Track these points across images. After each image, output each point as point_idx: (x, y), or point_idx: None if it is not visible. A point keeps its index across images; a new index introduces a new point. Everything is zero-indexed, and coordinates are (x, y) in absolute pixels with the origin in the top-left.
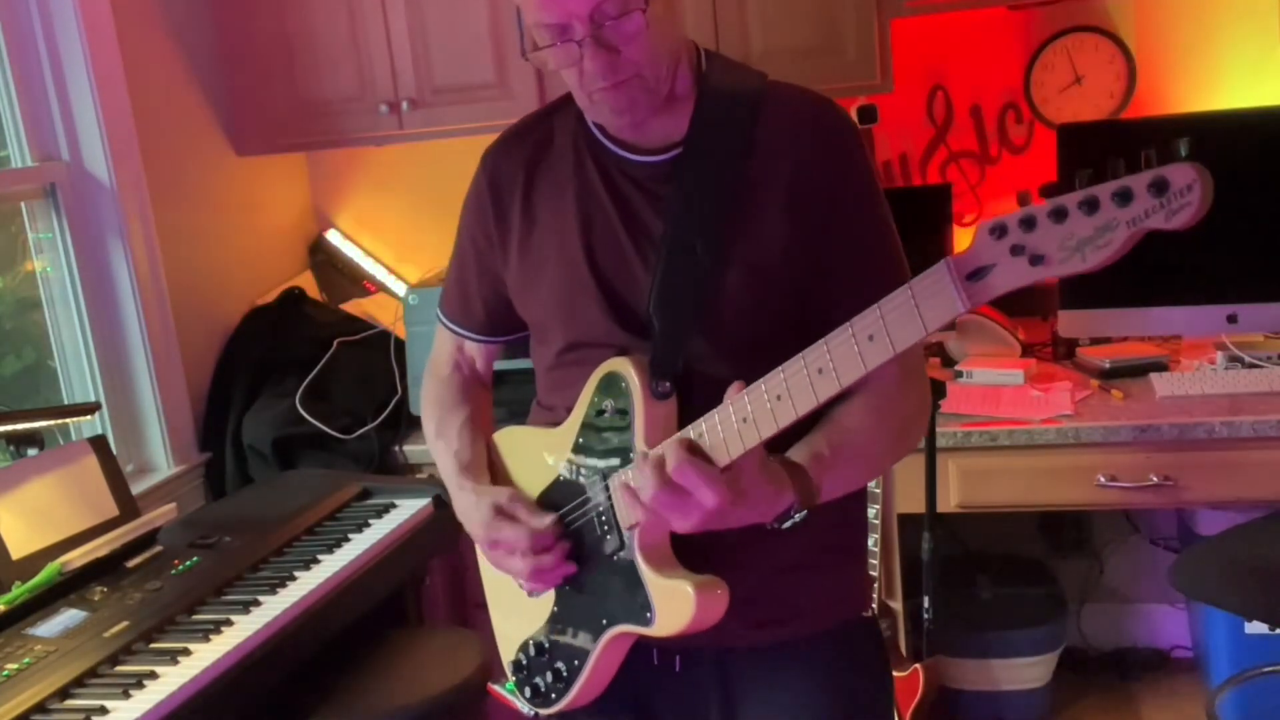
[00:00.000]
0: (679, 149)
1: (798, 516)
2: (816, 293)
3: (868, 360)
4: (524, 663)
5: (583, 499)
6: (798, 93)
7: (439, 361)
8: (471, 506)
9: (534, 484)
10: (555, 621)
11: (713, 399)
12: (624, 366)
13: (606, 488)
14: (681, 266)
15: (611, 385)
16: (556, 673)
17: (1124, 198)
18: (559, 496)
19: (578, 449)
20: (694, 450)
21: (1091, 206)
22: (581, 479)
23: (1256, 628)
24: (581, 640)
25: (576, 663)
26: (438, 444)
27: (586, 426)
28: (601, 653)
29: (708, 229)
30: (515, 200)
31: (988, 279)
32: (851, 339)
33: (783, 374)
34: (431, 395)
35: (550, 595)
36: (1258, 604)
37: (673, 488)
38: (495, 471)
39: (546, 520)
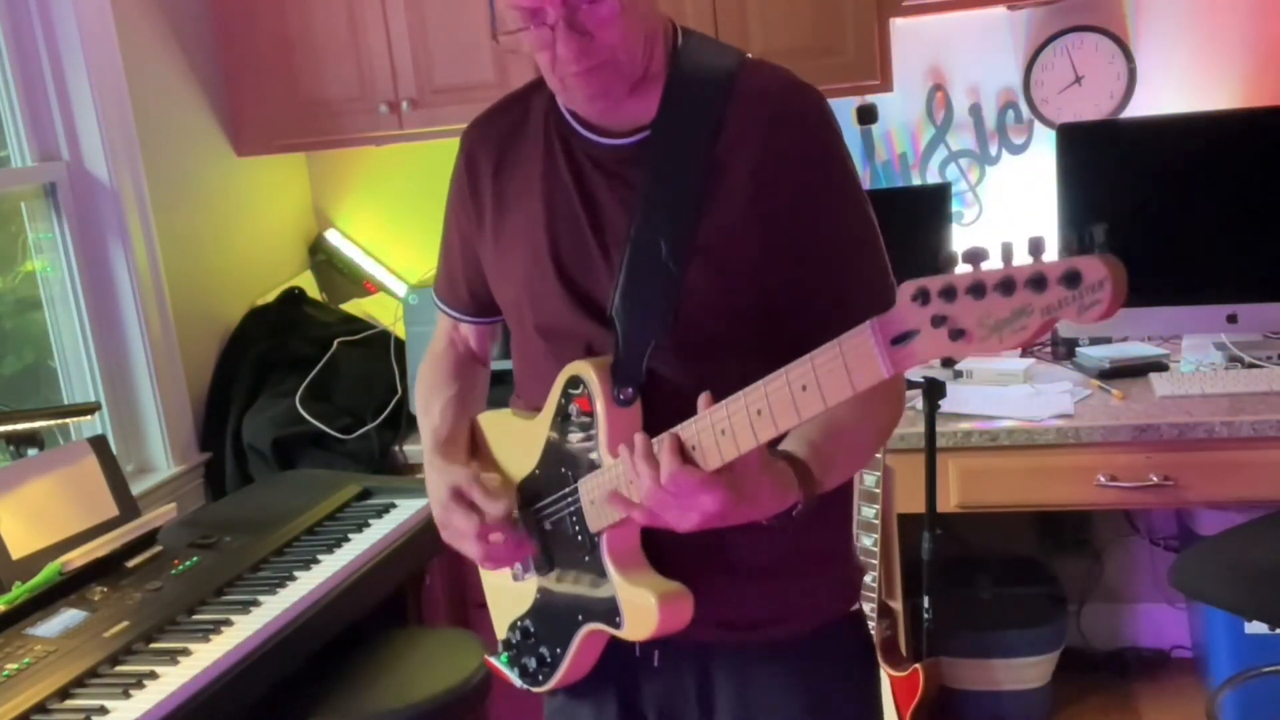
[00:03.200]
0: (646, 132)
1: (795, 513)
2: (785, 286)
3: (802, 409)
4: (513, 642)
5: (557, 495)
6: (771, 74)
7: (436, 339)
8: (435, 485)
9: (515, 471)
10: (539, 608)
11: (677, 403)
12: (586, 371)
13: (576, 490)
14: (646, 268)
15: (576, 388)
16: (540, 658)
17: (1038, 284)
18: (536, 489)
19: (549, 447)
20: (686, 457)
21: (1008, 288)
22: (555, 477)
23: (1256, 628)
24: (561, 631)
25: (559, 650)
26: (423, 421)
27: (555, 427)
28: (579, 646)
29: (672, 223)
30: (488, 182)
31: (911, 346)
32: (786, 385)
33: (726, 409)
34: (424, 374)
35: (533, 581)
36: (1258, 604)
37: (667, 494)
38: (479, 453)
39: (498, 508)
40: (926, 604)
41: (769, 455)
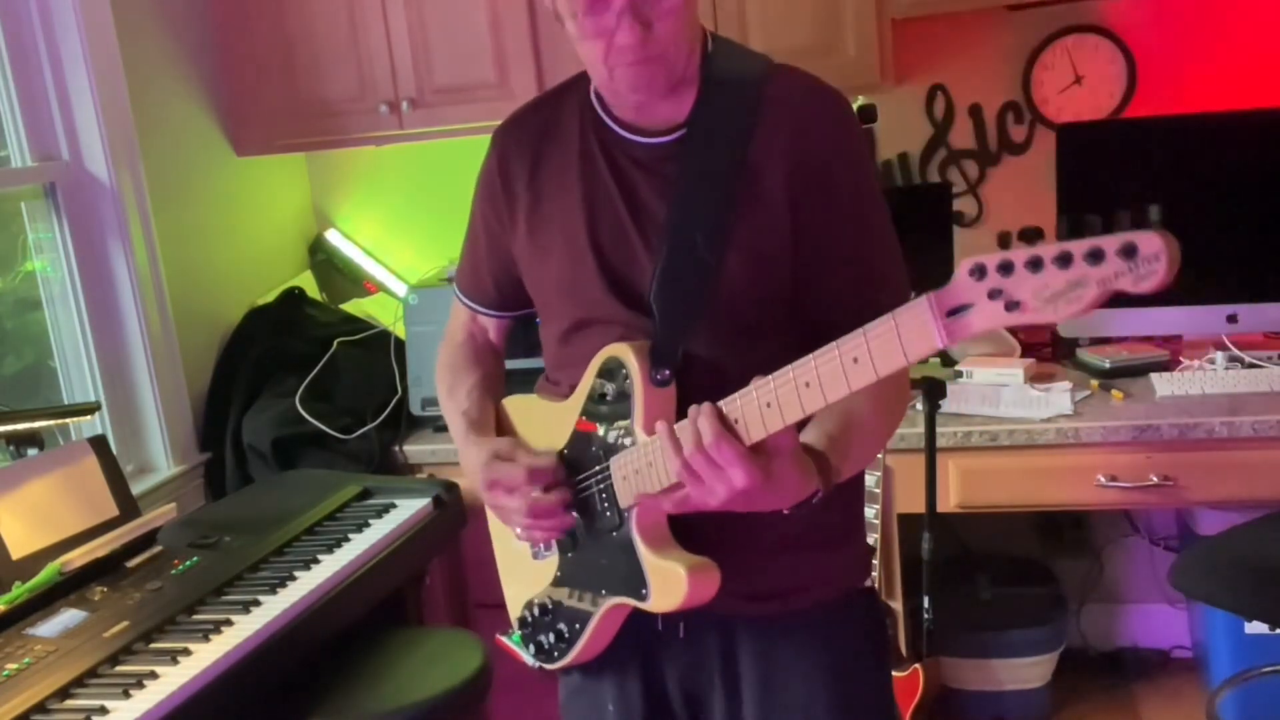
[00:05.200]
0: (682, 130)
1: (814, 501)
2: (811, 277)
3: (852, 381)
4: (528, 620)
5: (586, 473)
6: (801, 78)
7: (454, 329)
8: (474, 457)
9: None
10: (558, 584)
11: (711, 385)
12: (625, 353)
13: (608, 467)
14: (683, 257)
15: (612, 370)
16: (559, 633)
17: (1095, 257)
18: (565, 467)
19: (581, 427)
20: (728, 426)
21: (1065, 261)
22: (585, 455)
23: (1256, 628)
24: (582, 606)
25: (578, 626)
26: (448, 404)
27: (589, 406)
28: (601, 619)
29: (709, 216)
30: (523, 179)
31: (966, 318)
32: (838, 358)
33: (773, 382)
34: (445, 360)
35: (554, 559)
36: (1258, 604)
37: (706, 460)
38: (506, 435)
39: (543, 459)
40: (926, 604)
41: (799, 447)
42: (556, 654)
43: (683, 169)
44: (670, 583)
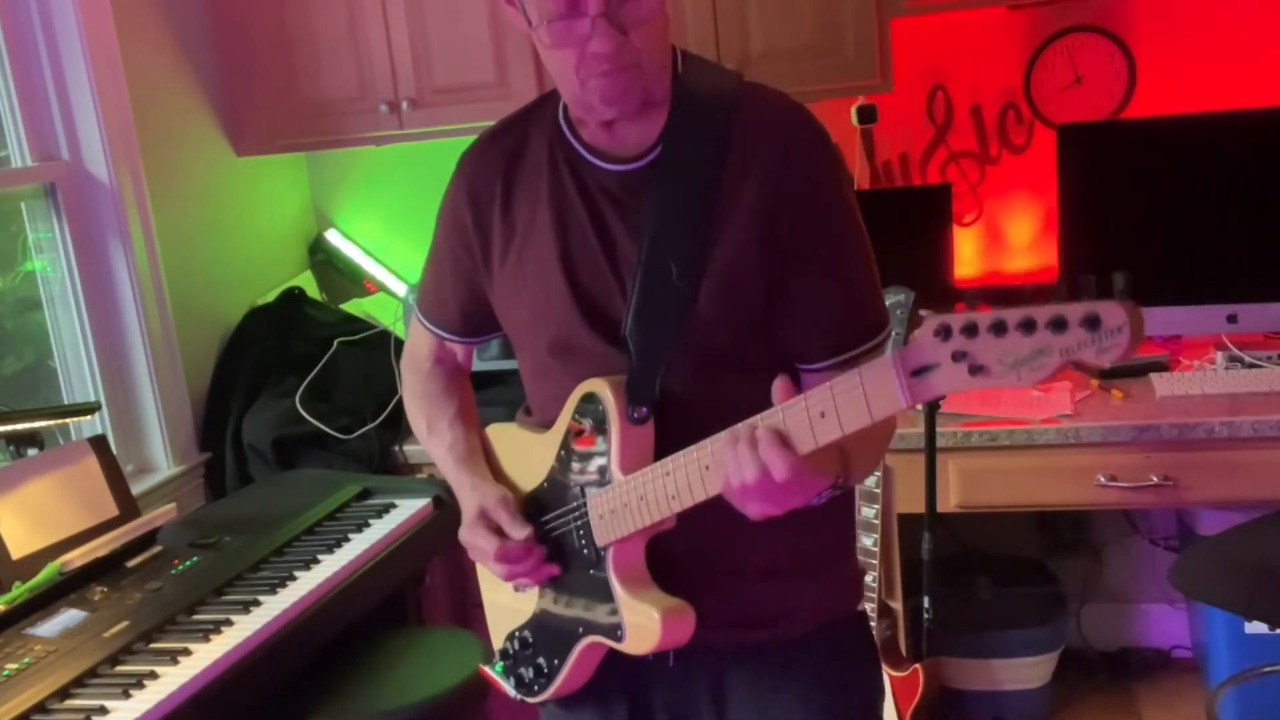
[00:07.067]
0: (651, 156)
1: (828, 494)
2: (784, 308)
3: (819, 435)
4: (510, 652)
5: (564, 510)
6: (772, 99)
7: (418, 355)
8: (467, 504)
9: (523, 483)
10: (538, 619)
11: (688, 422)
12: (601, 389)
13: (584, 505)
14: (657, 291)
15: (590, 406)
16: (538, 668)
17: (1059, 325)
18: (544, 501)
19: (560, 461)
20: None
21: (1028, 328)
22: (563, 491)
23: (1256, 628)
24: (560, 642)
25: (556, 662)
26: (431, 440)
27: (567, 442)
28: (578, 657)
29: (682, 245)
30: (495, 209)
31: (930, 379)
32: (805, 411)
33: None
34: (417, 390)
35: (534, 593)
36: (1258, 604)
37: (770, 484)
38: (489, 466)
39: (521, 534)
40: (926, 604)
41: None
42: (537, 688)
43: (654, 198)
44: (645, 625)
